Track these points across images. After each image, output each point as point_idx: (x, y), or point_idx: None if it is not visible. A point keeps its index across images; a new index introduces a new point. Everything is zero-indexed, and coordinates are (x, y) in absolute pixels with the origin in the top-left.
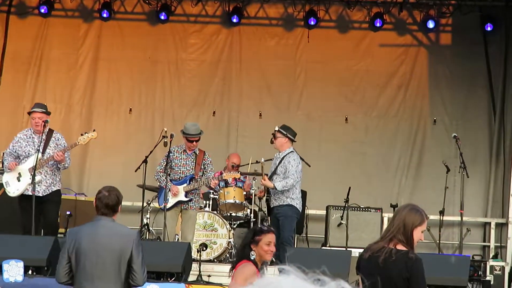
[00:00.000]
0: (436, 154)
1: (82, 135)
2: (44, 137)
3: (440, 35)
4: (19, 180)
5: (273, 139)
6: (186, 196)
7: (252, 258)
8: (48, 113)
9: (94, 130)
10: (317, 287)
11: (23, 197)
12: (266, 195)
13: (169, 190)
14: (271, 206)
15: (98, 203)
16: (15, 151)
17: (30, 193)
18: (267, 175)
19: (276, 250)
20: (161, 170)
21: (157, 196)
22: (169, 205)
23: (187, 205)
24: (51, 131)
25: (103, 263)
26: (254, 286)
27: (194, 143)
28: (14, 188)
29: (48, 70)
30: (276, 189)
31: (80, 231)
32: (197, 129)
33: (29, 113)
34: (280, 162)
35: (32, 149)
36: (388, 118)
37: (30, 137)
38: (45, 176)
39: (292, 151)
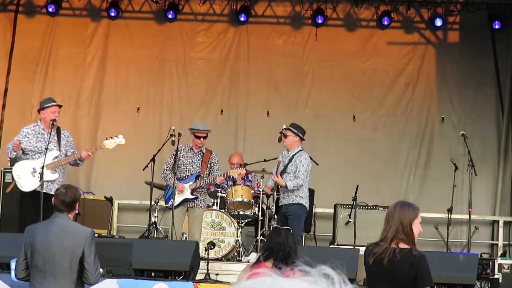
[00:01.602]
0: (444, 152)
1: (107, 139)
2: (53, 133)
3: (448, 33)
4: (33, 176)
5: (282, 137)
6: (192, 193)
7: None
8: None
9: (121, 136)
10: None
11: (31, 193)
12: (276, 193)
13: (176, 188)
14: (280, 205)
15: (55, 200)
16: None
17: (43, 190)
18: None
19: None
20: (167, 169)
21: (163, 194)
22: (175, 203)
23: (193, 203)
24: (58, 128)
25: (54, 261)
26: (260, 284)
27: (202, 139)
28: (29, 184)
29: (56, 69)
30: (287, 187)
31: (35, 228)
32: (205, 126)
33: (42, 109)
34: (290, 160)
35: (44, 145)
36: (396, 116)
37: (39, 132)
38: (59, 174)
39: (301, 150)
